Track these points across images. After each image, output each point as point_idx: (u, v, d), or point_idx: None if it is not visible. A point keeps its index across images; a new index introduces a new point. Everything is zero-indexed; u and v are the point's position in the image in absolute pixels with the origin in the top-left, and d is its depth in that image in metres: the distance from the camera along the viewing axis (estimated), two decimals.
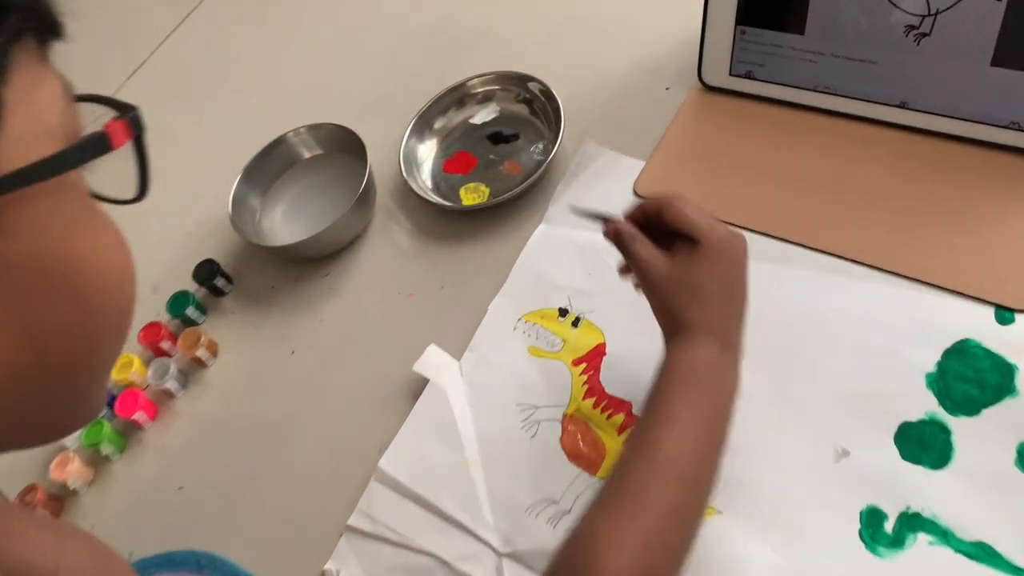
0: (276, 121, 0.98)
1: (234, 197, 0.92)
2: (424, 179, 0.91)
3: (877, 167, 0.75)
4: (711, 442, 0.54)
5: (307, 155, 0.97)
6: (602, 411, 0.71)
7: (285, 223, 0.94)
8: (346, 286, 0.88)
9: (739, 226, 0.74)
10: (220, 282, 0.92)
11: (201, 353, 0.87)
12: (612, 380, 0.72)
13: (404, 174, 0.89)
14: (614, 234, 0.61)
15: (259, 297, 0.91)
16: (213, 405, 0.85)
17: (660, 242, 0.60)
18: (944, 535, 0.58)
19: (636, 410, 0.70)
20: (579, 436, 0.70)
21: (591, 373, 0.73)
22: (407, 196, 0.91)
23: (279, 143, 0.96)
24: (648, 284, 0.60)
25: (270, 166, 0.96)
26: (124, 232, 0.40)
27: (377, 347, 0.82)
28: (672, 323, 0.59)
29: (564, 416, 0.71)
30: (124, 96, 0.39)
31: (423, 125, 0.93)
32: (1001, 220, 0.69)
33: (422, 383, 0.77)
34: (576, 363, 0.74)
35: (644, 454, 0.52)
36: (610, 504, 0.52)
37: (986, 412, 0.62)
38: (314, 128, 0.96)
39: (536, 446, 0.71)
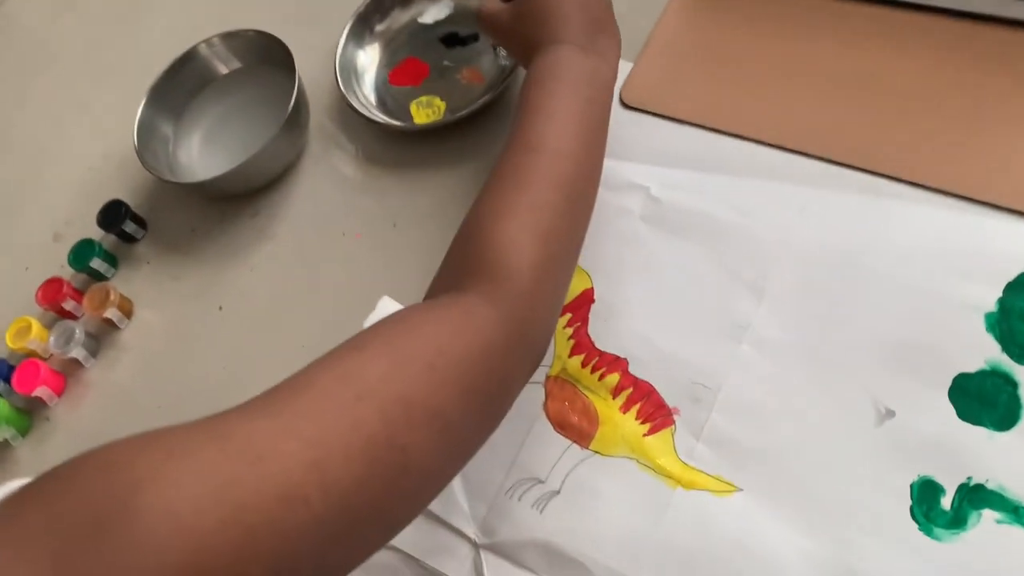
0: (184, 31, 0.83)
1: (140, 125, 0.78)
2: (366, 93, 0.76)
3: (915, 63, 0.62)
4: (587, 126, 0.55)
5: (224, 70, 0.83)
6: (592, 370, 0.59)
7: (204, 154, 0.80)
8: (280, 227, 0.75)
9: (751, 139, 0.63)
10: (131, 227, 0.78)
11: (112, 313, 0.74)
12: (603, 333, 0.60)
13: (342, 88, 0.74)
14: (478, 15, 0.65)
15: (178, 244, 0.78)
16: (130, 374, 0.73)
17: None
18: (1015, 511, 0.48)
19: (633, 368, 0.58)
20: (566, 401, 0.59)
21: (578, 325, 0.61)
22: (347, 115, 0.77)
23: (189, 58, 0.81)
24: (498, 32, 0.64)
25: (181, 86, 0.81)
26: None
27: (320, 300, 0.70)
28: (529, 50, 0.59)
29: (547, 378, 0.60)
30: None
31: (362, 28, 0.78)
32: None
33: None
34: (560, 314, 0.61)
35: (519, 141, 0.53)
36: (495, 185, 0.52)
37: None
38: (230, 37, 0.81)
39: (515, 414, 0.58)
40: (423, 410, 0.40)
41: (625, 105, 0.68)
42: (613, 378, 0.59)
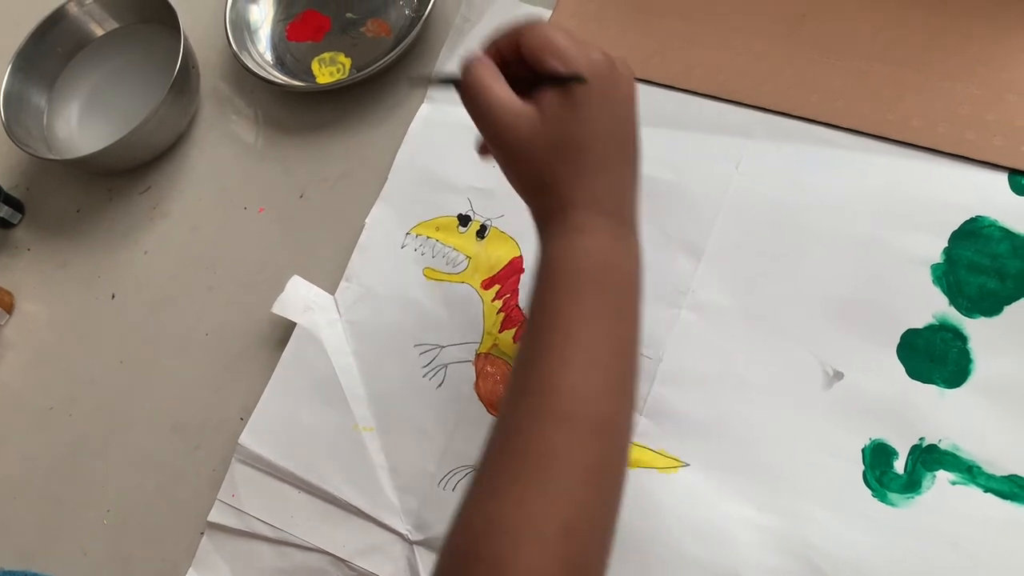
0: None
1: (6, 96, 0.69)
2: (262, 51, 0.69)
3: (849, 4, 0.58)
4: (624, 365, 0.41)
5: (100, 31, 0.74)
6: None
7: (84, 126, 0.72)
8: (174, 204, 0.68)
9: (680, 89, 0.58)
10: (4, 211, 0.70)
11: None
12: None
13: (234, 47, 0.67)
14: (464, 78, 0.42)
15: (61, 226, 0.70)
16: (14, 375, 0.66)
17: (522, 93, 0.42)
18: (969, 471, 0.46)
19: None
20: (499, 379, 0.55)
21: (507, 296, 0.57)
22: (242, 77, 0.69)
23: (58, 18, 0.72)
24: (508, 147, 0.42)
25: (51, 51, 0.73)
26: None
27: (223, 283, 0.64)
28: (546, 201, 0.43)
29: (477, 355, 0.56)
30: None
31: None
32: (1013, 61, 0.54)
33: (288, 328, 0.58)
34: (487, 285, 0.57)
35: (540, 400, 0.39)
36: (508, 477, 0.38)
37: (1009, 310, 0.49)
38: None
39: (444, 397, 0.55)
40: None
41: None
42: None
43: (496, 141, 0.42)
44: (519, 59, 0.42)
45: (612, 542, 0.38)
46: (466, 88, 0.42)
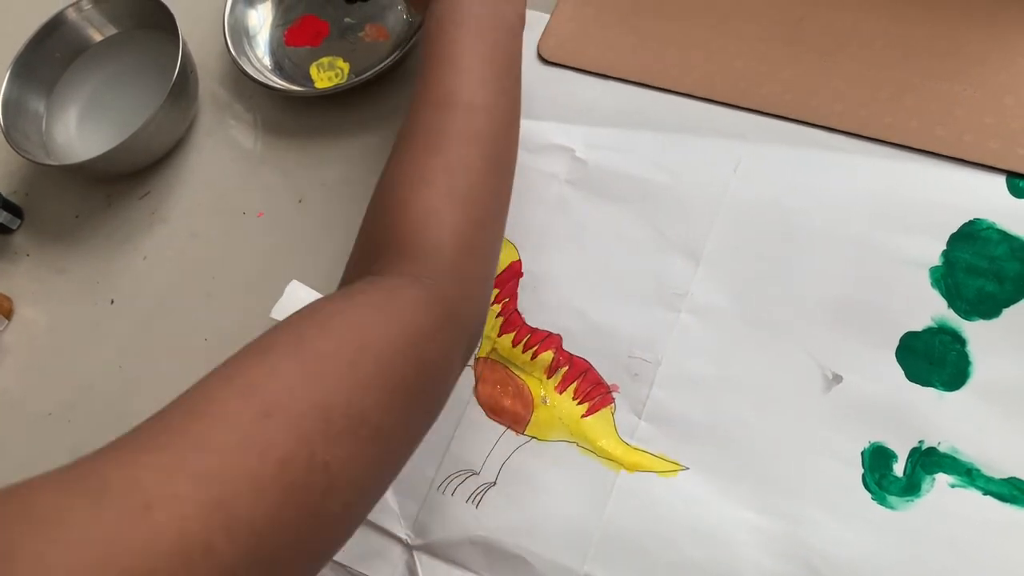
0: None
1: (5, 103, 0.69)
2: (261, 56, 0.69)
3: (845, 8, 0.58)
4: (500, 76, 0.51)
5: (98, 37, 0.74)
6: (524, 349, 0.55)
7: (83, 132, 0.72)
8: (173, 209, 0.68)
9: (678, 92, 0.59)
10: (3, 216, 0.70)
11: None
12: (534, 308, 0.56)
13: (232, 52, 0.67)
14: None
15: (61, 232, 0.70)
16: (13, 380, 0.66)
17: None
18: (968, 473, 0.46)
19: (567, 345, 0.54)
20: (498, 384, 0.55)
21: (506, 301, 0.57)
22: (241, 82, 0.70)
23: (57, 24, 0.72)
24: None
25: (50, 56, 0.72)
26: None
27: (222, 288, 0.64)
28: None
29: (476, 360, 0.56)
30: None
31: None
32: (1010, 64, 0.54)
33: None
34: None
35: (430, 99, 0.49)
36: (404, 147, 0.48)
37: (1008, 312, 0.49)
38: None
39: None
40: (345, 418, 0.34)
41: (543, 60, 0.63)
42: (547, 356, 0.55)
43: None
44: None
45: (500, 201, 0.50)
46: None
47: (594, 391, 0.53)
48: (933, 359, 0.49)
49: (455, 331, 0.43)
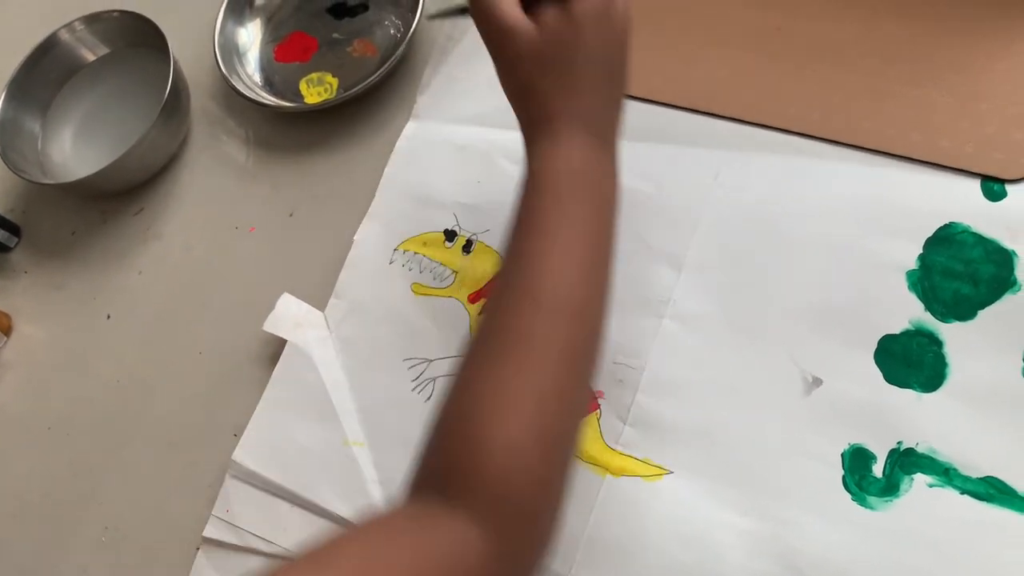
0: (41, 16, 0.76)
1: (1, 124, 0.72)
2: (251, 73, 0.71)
3: (822, 17, 0.59)
4: (599, 265, 0.44)
5: (91, 57, 0.76)
6: None
7: (77, 150, 0.74)
8: (167, 225, 0.69)
9: (660, 103, 0.59)
10: (1, 235, 0.71)
11: None
12: None
13: (223, 69, 0.68)
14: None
15: (57, 249, 0.71)
16: (13, 396, 0.68)
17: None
18: (946, 473, 0.47)
19: None
20: None
21: None
22: (232, 98, 0.71)
23: (50, 46, 0.74)
24: (504, 56, 0.46)
25: (44, 77, 0.74)
26: None
27: (216, 302, 0.65)
28: (535, 113, 0.46)
29: None
30: None
31: (240, 2, 0.72)
32: (981, 67, 0.55)
33: (279, 345, 0.60)
34: (473, 299, 0.58)
35: (522, 289, 0.42)
36: (488, 357, 0.41)
37: (983, 314, 0.50)
38: (94, 20, 0.74)
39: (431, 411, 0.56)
40: None
41: None
42: None
43: (494, 51, 0.46)
44: None
45: (582, 421, 0.44)
46: (475, 6, 0.45)
47: None
48: (911, 361, 0.50)
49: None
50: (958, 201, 0.52)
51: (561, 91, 0.44)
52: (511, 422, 0.38)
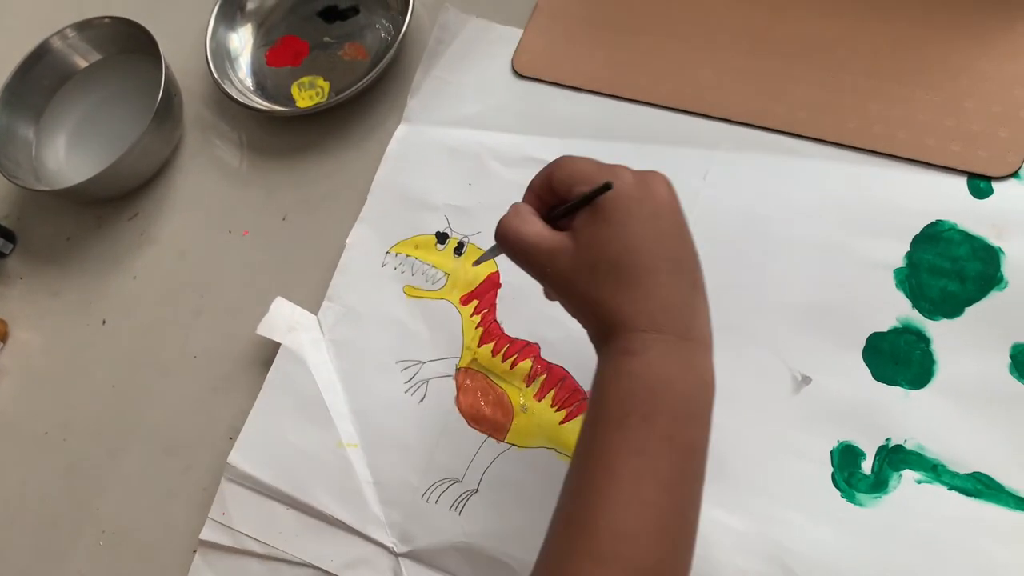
0: (33, 23, 0.76)
1: None
2: (243, 78, 0.71)
3: (809, 17, 0.59)
4: (674, 500, 0.37)
5: (83, 64, 0.75)
6: (504, 358, 0.56)
7: (71, 156, 0.74)
8: (161, 229, 0.69)
9: (649, 103, 0.60)
10: None
11: None
12: (512, 318, 0.57)
13: (215, 74, 0.68)
14: (497, 234, 0.42)
15: (53, 255, 0.72)
16: (9, 402, 0.68)
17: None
18: (934, 469, 0.48)
19: (545, 353, 0.56)
20: (479, 393, 0.56)
21: (485, 312, 0.58)
22: (224, 103, 0.71)
23: (42, 53, 0.73)
24: (552, 280, 0.41)
25: (37, 84, 0.74)
26: None
27: (210, 306, 0.65)
28: (598, 325, 0.41)
29: (457, 370, 0.57)
30: None
31: (231, 7, 0.72)
32: (966, 66, 0.55)
33: (273, 348, 0.60)
34: (465, 301, 0.59)
35: (578, 537, 0.36)
36: None
37: (970, 311, 0.50)
38: (85, 27, 0.73)
39: (426, 412, 0.57)
40: None
41: (517, 75, 0.64)
42: (525, 365, 0.56)
43: (541, 277, 0.42)
44: (555, 195, 0.42)
45: None
46: (501, 242, 0.42)
47: (571, 398, 0.54)
48: (899, 358, 0.50)
49: None
50: (945, 199, 0.53)
51: (615, 294, 0.39)
52: None
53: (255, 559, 0.56)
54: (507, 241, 0.42)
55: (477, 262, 0.51)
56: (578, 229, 0.40)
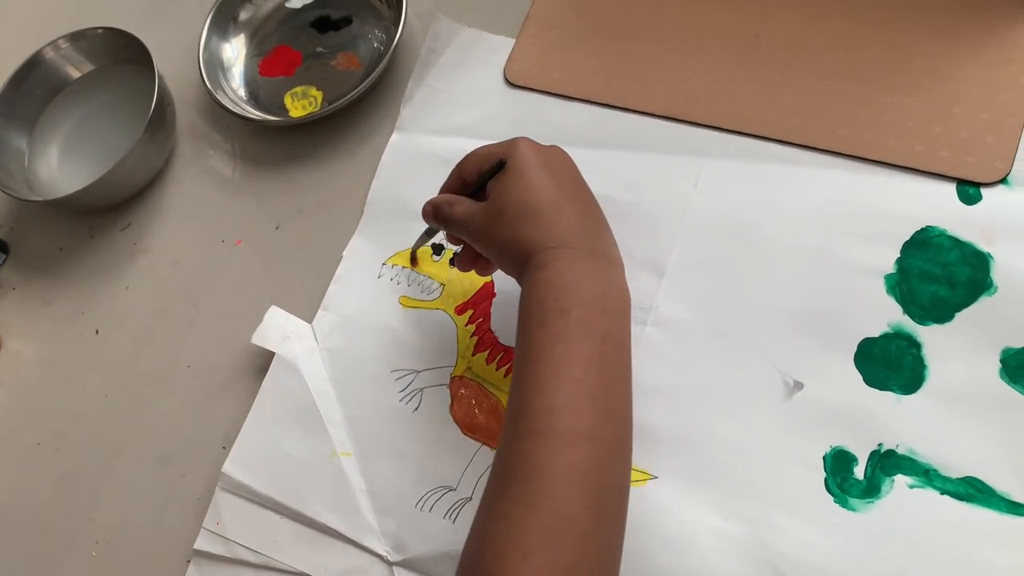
0: (25, 34, 0.76)
1: None
2: (236, 88, 0.71)
3: (798, 25, 0.60)
4: (597, 377, 0.42)
5: (76, 74, 0.75)
6: (498, 366, 0.57)
7: (64, 166, 0.74)
8: (154, 239, 0.69)
9: (640, 111, 0.60)
10: None
11: None
12: (507, 327, 0.58)
13: (208, 84, 0.69)
14: (431, 211, 0.52)
15: (46, 265, 0.72)
16: (2, 413, 0.68)
17: None
18: (926, 474, 0.48)
19: None
20: (473, 401, 0.56)
21: (480, 321, 0.58)
22: (217, 113, 0.71)
23: (36, 63, 0.73)
24: (478, 237, 0.50)
25: (30, 94, 0.74)
26: None
27: (203, 315, 0.65)
28: (517, 261, 0.48)
29: (452, 379, 0.57)
30: None
31: (224, 17, 0.72)
32: (957, 75, 0.56)
33: (268, 357, 0.60)
34: (460, 311, 0.59)
35: (518, 421, 0.42)
36: (495, 496, 0.41)
37: (960, 316, 0.51)
38: (78, 37, 0.73)
39: (420, 421, 0.57)
40: None
41: (509, 84, 0.64)
42: None
43: (470, 237, 0.50)
44: (466, 185, 0.52)
45: (614, 543, 0.41)
46: (439, 220, 0.52)
47: None
48: (890, 364, 0.50)
49: None
50: (934, 205, 0.53)
51: (524, 229, 0.46)
52: (517, 562, 0.38)
53: (249, 568, 0.56)
54: (444, 219, 0.51)
55: (415, 247, 0.59)
56: (489, 191, 0.49)
